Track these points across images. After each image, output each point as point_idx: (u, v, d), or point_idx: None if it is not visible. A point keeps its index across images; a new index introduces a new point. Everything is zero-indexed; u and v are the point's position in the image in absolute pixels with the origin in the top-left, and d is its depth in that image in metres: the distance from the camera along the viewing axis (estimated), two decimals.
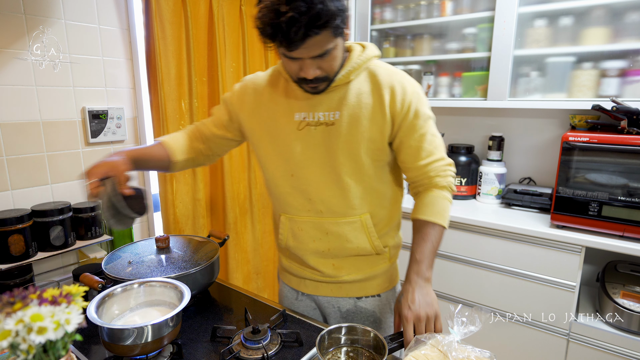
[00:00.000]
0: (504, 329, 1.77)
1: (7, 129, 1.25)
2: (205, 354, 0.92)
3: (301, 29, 0.76)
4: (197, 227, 1.80)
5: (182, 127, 1.69)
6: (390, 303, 1.13)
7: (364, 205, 1.01)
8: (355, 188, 0.99)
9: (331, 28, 0.79)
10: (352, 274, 1.08)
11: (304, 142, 0.98)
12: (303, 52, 0.82)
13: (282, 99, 1.00)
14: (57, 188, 1.38)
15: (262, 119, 1.03)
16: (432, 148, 0.98)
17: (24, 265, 1.21)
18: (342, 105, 0.94)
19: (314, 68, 0.86)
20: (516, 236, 1.68)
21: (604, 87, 1.65)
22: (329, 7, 0.76)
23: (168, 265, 1.09)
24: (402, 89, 0.94)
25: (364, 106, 0.94)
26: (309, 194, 1.01)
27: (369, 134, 0.95)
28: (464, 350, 0.78)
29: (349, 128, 0.94)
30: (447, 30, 2.05)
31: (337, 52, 0.87)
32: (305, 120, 0.97)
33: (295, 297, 1.17)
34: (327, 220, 1.02)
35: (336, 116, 0.95)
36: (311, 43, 0.80)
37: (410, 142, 0.97)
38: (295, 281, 1.16)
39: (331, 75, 0.90)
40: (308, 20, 0.75)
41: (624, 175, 1.50)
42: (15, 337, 0.53)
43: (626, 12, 1.59)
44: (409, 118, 0.95)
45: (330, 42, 0.83)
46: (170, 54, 1.61)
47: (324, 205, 1.01)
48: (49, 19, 1.29)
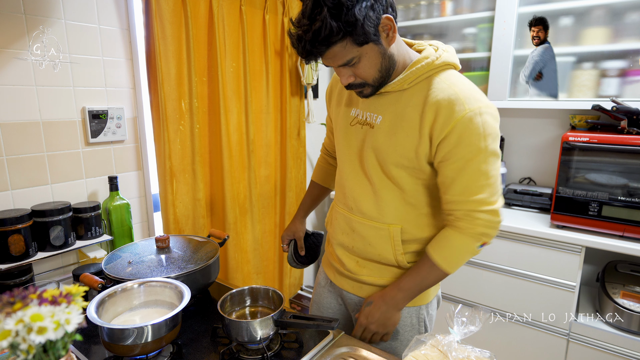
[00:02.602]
0: (504, 329, 1.77)
1: (7, 129, 1.25)
2: (205, 354, 0.92)
3: (306, 45, 0.81)
4: (197, 227, 1.80)
5: (182, 127, 1.69)
6: (412, 319, 1.07)
7: (396, 216, 0.98)
8: (386, 197, 0.97)
9: (342, 41, 0.80)
10: (373, 276, 1.06)
11: (350, 137, 1.02)
12: (328, 61, 0.86)
13: (349, 93, 1.05)
14: (57, 188, 1.38)
15: (337, 111, 1.09)
16: (471, 185, 0.86)
17: (23, 265, 1.21)
18: (388, 112, 0.93)
19: (347, 75, 0.88)
20: (516, 236, 1.68)
21: (604, 87, 1.66)
22: (329, 25, 0.77)
23: (168, 265, 1.09)
24: (450, 110, 0.84)
25: (407, 118, 0.90)
26: (344, 187, 1.06)
27: (402, 149, 0.91)
28: (464, 350, 0.78)
29: (385, 136, 0.93)
30: (447, 30, 2.05)
31: (369, 59, 0.85)
32: (357, 118, 1.00)
33: (325, 283, 1.21)
34: (355, 218, 1.04)
35: (378, 120, 0.95)
36: (330, 55, 0.83)
37: (446, 171, 0.88)
38: (328, 267, 1.19)
39: (370, 81, 0.89)
40: (311, 37, 0.79)
41: (624, 175, 1.50)
42: (15, 337, 0.53)
43: (626, 12, 1.59)
44: (449, 144, 0.85)
45: (353, 52, 0.83)
46: (170, 54, 1.61)
47: (354, 202, 1.04)
48: (49, 19, 1.29)
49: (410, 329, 1.07)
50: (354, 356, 0.91)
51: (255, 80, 1.99)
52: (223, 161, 1.83)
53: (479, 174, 0.86)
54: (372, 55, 0.85)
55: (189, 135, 1.72)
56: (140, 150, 1.60)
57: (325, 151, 1.33)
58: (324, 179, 1.33)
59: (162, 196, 1.68)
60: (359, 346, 0.94)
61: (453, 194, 0.89)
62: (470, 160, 0.85)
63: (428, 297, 1.08)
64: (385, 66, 0.88)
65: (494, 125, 0.86)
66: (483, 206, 0.87)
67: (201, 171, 1.77)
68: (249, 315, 1.01)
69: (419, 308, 1.07)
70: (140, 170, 1.62)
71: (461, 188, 0.87)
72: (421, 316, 1.08)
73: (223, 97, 1.78)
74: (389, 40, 0.86)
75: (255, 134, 2.02)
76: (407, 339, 1.07)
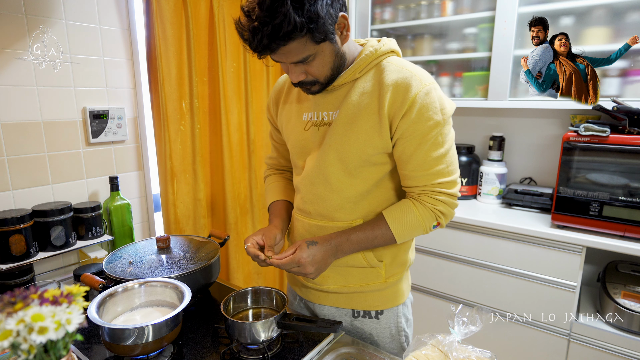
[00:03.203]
0: (504, 329, 1.77)
1: (8, 129, 1.25)
2: (206, 354, 0.92)
3: (263, 39, 0.76)
4: (197, 227, 1.80)
5: (182, 127, 1.69)
6: (391, 328, 1.04)
7: (356, 210, 0.95)
8: (345, 191, 0.93)
9: (301, 37, 0.77)
10: (337, 284, 1.01)
11: (307, 141, 0.97)
12: (281, 57, 0.82)
13: (295, 98, 1.01)
14: (57, 188, 1.38)
15: (283, 118, 1.04)
16: (428, 158, 0.87)
17: (24, 265, 1.21)
18: (342, 104, 0.90)
19: (298, 73, 0.85)
20: (517, 236, 1.68)
21: (605, 87, 1.65)
22: (293, 19, 0.73)
23: (169, 265, 1.09)
24: (406, 87, 0.84)
25: (363, 106, 0.88)
26: (301, 192, 1.01)
27: (365, 136, 0.88)
28: (465, 350, 0.78)
29: (344, 128, 0.89)
30: (447, 30, 2.05)
31: (323, 57, 0.83)
32: (311, 121, 0.96)
33: (294, 299, 1.15)
34: (314, 222, 0.99)
35: (335, 115, 0.92)
36: (285, 51, 0.79)
37: (403, 147, 0.88)
38: (294, 283, 1.14)
39: (321, 79, 0.87)
40: (270, 31, 0.74)
41: (625, 175, 1.49)
42: (16, 337, 0.53)
43: (627, 12, 1.59)
44: (408, 120, 0.85)
45: (309, 49, 0.80)
46: (171, 54, 1.61)
47: (312, 206, 0.99)
48: (50, 19, 1.30)
49: (390, 340, 1.04)
50: (355, 356, 0.91)
51: (255, 80, 1.99)
52: (224, 161, 1.83)
53: (436, 146, 0.87)
54: (327, 53, 0.83)
55: (190, 135, 1.72)
56: (141, 150, 1.60)
57: (279, 167, 1.22)
58: (290, 195, 1.17)
59: (163, 196, 1.68)
60: (359, 346, 0.94)
61: (412, 169, 0.89)
62: (427, 133, 0.86)
63: (402, 297, 1.05)
64: (337, 65, 0.87)
65: (446, 98, 0.90)
66: (441, 178, 0.89)
67: (202, 171, 1.77)
68: (252, 316, 1.01)
69: (396, 316, 1.04)
70: (141, 171, 1.62)
71: (419, 162, 0.88)
72: (400, 325, 1.04)
73: (224, 97, 1.78)
74: (343, 38, 0.86)
75: (256, 134, 2.02)
76: (388, 350, 1.04)
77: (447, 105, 0.88)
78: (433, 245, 1.91)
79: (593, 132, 1.52)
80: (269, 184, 1.19)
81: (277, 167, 1.22)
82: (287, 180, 1.19)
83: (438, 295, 1.95)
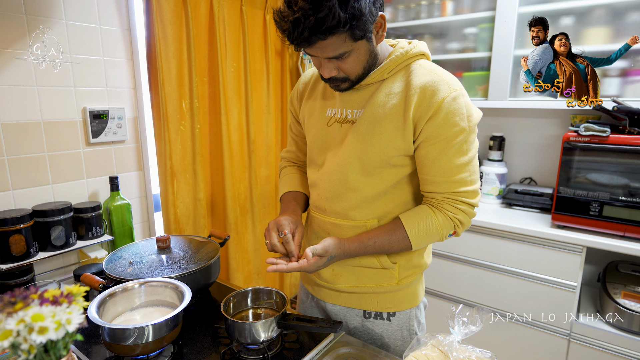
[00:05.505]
0: (505, 329, 1.77)
1: (8, 129, 1.25)
2: (206, 354, 0.92)
3: (304, 32, 0.74)
4: (197, 227, 1.80)
5: (182, 127, 1.69)
6: (403, 330, 1.03)
7: (372, 210, 0.94)
8: (363, 191, 0.93)
9: (342, 33, 0.76)
10: (349, 283, 1.01)
11: (328, 137, 0.97)
12: (317, 51, 0.81)
13: (320, 94, 1.01)
14: (58, 188, 1.38)
15: (305, 112, 1.04)
16: (452, 165, 0.86)
17: (25, 265, 1.21)
18: (368, 104, 0.90)
19: (331, 69, 0.85)
20: (517, 236, 1.68)
21: (605, 87, 1.65)
22: (337, 14, 0.72)
23: (169, 265, 1.09)
24: (434, 91, 0.83)
25: (389, 107, 0.87)
26: (318, 189, 1.00)
27: (387, 137, 0.88)
28: (465, 350, 0.78)
29: (367, 127, 0.89)
30: (447, 30, 2.05)
31: (358, 55, 0.83)
32: (335, 117, 0.96)
33: (306, 297, 1.15)
34: (328, 219, 0.99)
35: (359, 114, 0.91)
36: (322, 45, 0.78)
37: (427, 150, 0.87)
38: (306, 281, 1.13)
39: (352, 77, 0.87)
40: (313, 24, 0.72)
41: (625, 175, 1.49)
42: (16, 337, 0.53)
43: (627, 12, 1.59)
44: (434, 124, 0.84)
45: (347, 46, 0.79)
46: (171, 54, 1.61)
47: (327, 203, 0.98)
48: (50, 19, 1.29)
49: (401, 343, 1.04)
50: (355, 356, 0.91)
51: (255, 80, 1.99)
52: (224, 161, 1.83)
53: (460, 153, 0.86)
54: (362, 51, 0.83)
55: (190, 136, 1.72)
56: (141, 150, 1.60)
57: (296, 161, 1.21)
58: (306, 188, 1.16)
59: (163, 196, 1.68)
60: (360, 346, 0.94)
61: (434, 175, 0.88)
62: (452, 139, 0.85)
63: (416, 300, 1.04)
64: (370, 63, 0.87)
65: (473, 106, 0.89)
66: (464, 186, 0.88)
67: (202, 171, 1.77)
68: (252, 316, 1.01)
69: (408, 319, 1.03)
70: (141, 171, 1.62)
71: (442, 168, 0.86)
72: (412, 328, 1.04)
73: (224, 97, 1.78)
74: (378, 38, 0.85)
75: (256, 134, 2.02)
76: (399, 353, 1.03)
77: (474, 112, 0.87)
78: (433, 245, 1.92)
79: (593, 132, 1.52)
80: (285, 174, 1.17)
81: (295, 161, 1.22)
82: (303, 173, 1.17)
83: (438, 295, 1.95)
